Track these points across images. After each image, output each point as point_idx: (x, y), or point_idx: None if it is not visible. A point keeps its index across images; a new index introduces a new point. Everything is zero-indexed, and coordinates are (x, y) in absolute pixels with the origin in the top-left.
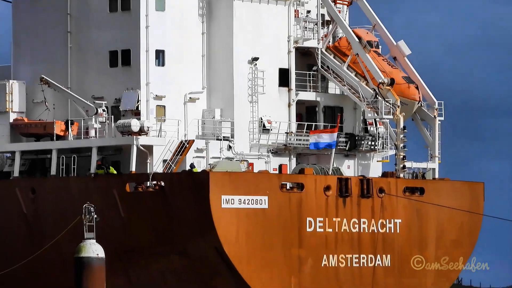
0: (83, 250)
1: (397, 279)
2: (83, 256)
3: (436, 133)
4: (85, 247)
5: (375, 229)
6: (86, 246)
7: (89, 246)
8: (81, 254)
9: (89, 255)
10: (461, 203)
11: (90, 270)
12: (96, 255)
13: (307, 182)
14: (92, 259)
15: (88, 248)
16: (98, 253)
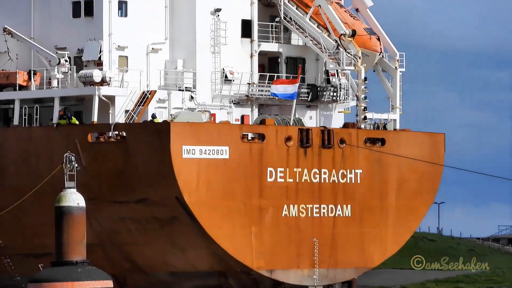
0: (64, 200)
1: (358, 229)
2: (64, 205)
3: (397, 84)
4: (65, 196)
5: (335, 180)
6: (66, 195)
7: (69, 195)
8: (61, 204)
9: (70, 204)
10: (422, 153)
11: (70, 219)
12: (76, 204)
13: (268, 132)
14: (72, 208)
15: (69, 197)
16: (78, 202)
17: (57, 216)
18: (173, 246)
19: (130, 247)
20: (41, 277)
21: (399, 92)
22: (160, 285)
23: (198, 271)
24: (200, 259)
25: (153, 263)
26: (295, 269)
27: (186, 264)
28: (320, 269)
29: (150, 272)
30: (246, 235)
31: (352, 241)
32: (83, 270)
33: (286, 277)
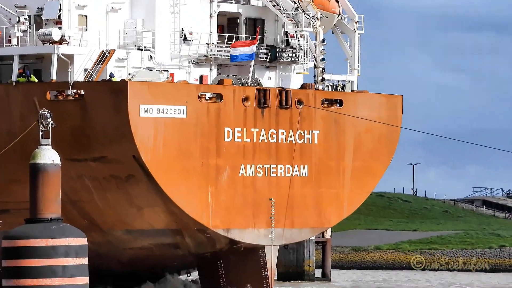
0: (39, 156)
1: (314, 189)
2: (39, 162)
3: (355, 46)
4: (40, 153)
5: (293, 140)
6: (41, 152)
7: (44, 152)
8: (36, 160)
9: (45, 161)
10: (379, 115)
11: (45, 176)
12: (51, 161)
13: (226, 92)
14: (47, 165)
15: (44, 154)
16: (53, 159)
17: (32, 173)
18: (130, 204)
19: (87, 204)
20: (16, 234)
21: (357, 54)
22: (117, 243)
23: (155, 229)
24: (156, 217)
25: (110, 221)
26: (251, 229)
27: (142, 222)
28: (276, 229)
29: (107, 230)
30: (203, 194)
31: (308, 201)
32: (57, 228)
33: (242, 236)
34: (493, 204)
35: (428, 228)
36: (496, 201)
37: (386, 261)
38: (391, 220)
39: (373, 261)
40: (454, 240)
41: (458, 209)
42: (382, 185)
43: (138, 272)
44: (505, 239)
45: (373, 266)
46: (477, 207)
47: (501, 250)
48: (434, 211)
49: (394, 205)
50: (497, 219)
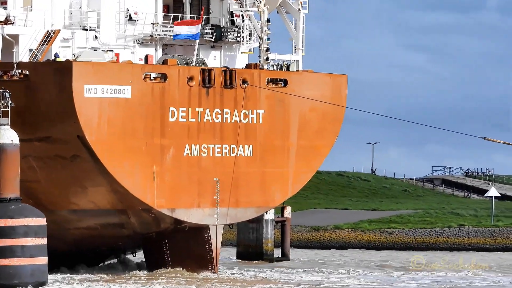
0: None
1: (259, 169)
2: None
3: (300, 26)
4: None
5: (237, 120)
6: (0, 132)
7: (3, 132)
8: None
9: (3, 141)
10: (324, 94)
11: (4, 156)
12: (10, 141)
13: (170, 72)
14: (6, 145)
15: (3, 134)
16: (12, 139)
17: None
18: (75, 184)
19: (33, 184)
20: None
21: (301, 33)
22: (63, 223)
23: (100, 209)
24: (101, 197)
25: (56, 200)
26: (196, 208)
27: (87, 202)
28: (221, 208)
29: (53, 210)
30: (148, 174)
31: (253, 180)
32: (16, 208)
33: (187, 216)
34: (452, 183)
35: (388, 207)
36: (455, 180)
37: (346, 241)
38: (351, 200)
39: (333, 240)
40: (414, 219)
41: (418, 188)
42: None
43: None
44: (464, 218)
45: (332, 246)
46: (436, 186)
47: (460, 229)
48: (393, 190)
49: (353, 184)
50: (456, 198)
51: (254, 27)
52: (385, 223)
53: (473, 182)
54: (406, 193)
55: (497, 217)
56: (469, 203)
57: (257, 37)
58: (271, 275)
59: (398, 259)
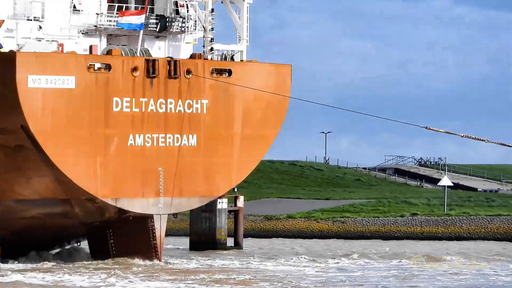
0: None
1: (203, 158)
2: None
3: (244, 16)
4: None
5: (182, 110)
6: None
7: None
8: None
9: None
10: (268, 84)
11: None
12: None
13: (115, 62)
14: None
15: None
16: None
17: None
18: (19, 174)
19: None
20: None
21: (246, 23)
22: (8, 213)
23: (44, 199)
24: (45, 187)
25: (0, 190)
26: (140, 198)
27: (32, 192)
28: (165, 198)
29: None
30: (91, 164)
31: (197, 170)
32: None
33: (131, 206)
34: (405, 172)
35: (341, 196)
36: (408, 169)
37: (299, 230)
38: (304, 189)
39: (286, 229)
40: (366, 208)
41: (371, 177)
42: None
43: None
44: (417, 207)
45: (285, 235)
46: (389, 175)
47: (413, 218)
48: (346, 180)
49: (306, 174)
50: (409, 187)
51: (198, 17)
52: (338, 212)
53: (426, 171)
54: (359, 182)
55: (449, 206)
56: (421, 192)
57: (202, 27)
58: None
59: (353, 246)
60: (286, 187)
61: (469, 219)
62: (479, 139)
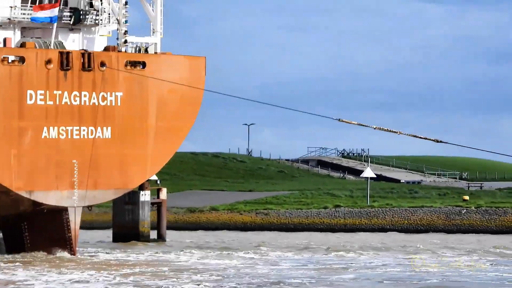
0: None
1: (118, 151)
2: None
3: (158, 8)
4: None
5: (96, 102)
6: None
7: None
8: None
9: None
10: (182, 76)
11: None
12: None
13: (28, 55)
14: None
15: None
16: None
17: None
18: None
19: None
20: None
21: (160, 16)
22: None
23: None
24: None
25: None
26: (54, 190)
27: None
28: (79, 190)
29: None
30: (5, 157)
31: (112, 162)
32: None
33: (45, 198)
34: (328, 164)
35: (264, 188)
36: (331, 160)
37: (222, 222)
38: (227, 181)
39: (209, 221)
40: (289, 200)
41: (293, 169)
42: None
43: None
44: (339, 199)
45: (208, 227)
46: (312, 167)
47: (336, 210)
48: (269, 171)
49: (229, 166)
50: (332, 178)
51: (112, 10)
52: (261, 204)
53: (349, 163)
54: (282, 174)
55: (372, 197)
56: (344, 184)
57: (116, 20)
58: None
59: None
60: (209, 179)
61: (392, 210)
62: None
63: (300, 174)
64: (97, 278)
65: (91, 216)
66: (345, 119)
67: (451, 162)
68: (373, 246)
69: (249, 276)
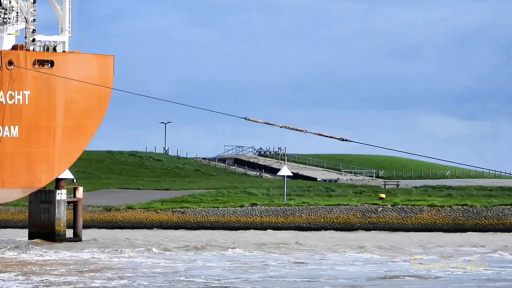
0: None
1: (25, 150)
2: None
3: (66, 7)
4: None
5: (3, 101)
6: None
7: None
8: None
9: None
10: (90, 75)
11: None
12: None
13: None
14: None
15: None
16: None
17: None
18: None
19: None
20: None
21: (68, 15)
22: None
23: None
24: None
25: None
26: None
27: None
28: None
29: None
30: None
31: (19, 162)
32: None
33: None
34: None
35: (180, 187)
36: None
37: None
38: (143, 179)
39: (125, 220)
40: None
41: (210, 168)
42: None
43: None
44: (256, 197)
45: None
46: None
47: (253, 208)
48: (186, 170)
49: (146, 164)
50: (248, 177)
51: (20, 9)
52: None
53: (266, 161)
54: (199, 173)
55: (289, 196)
56: (261, 182)
57: (24, 19)
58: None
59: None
60: (125, 177)
61: (309, 209)
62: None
63: (217, 172)
64: (4, 277)
65: (7, 215)
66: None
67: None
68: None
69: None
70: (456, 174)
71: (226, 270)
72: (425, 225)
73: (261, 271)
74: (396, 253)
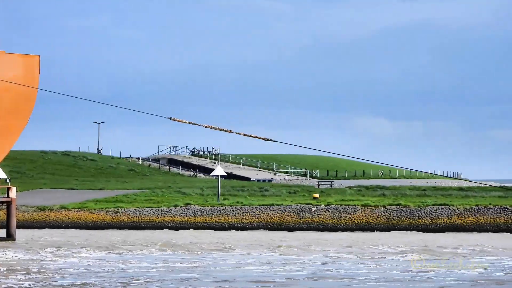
0: None
1: None
2: None
3: None
4: None
5: None
6: None
7: None
8: None
9: None
10: (16, 75)
11: None
12: None
13: None
14: None
15: None
16: None
17: None
18: None
19: None
20: None
21: None
22: None
23: None
24: None
25: None
26: None
27: None
28: None
29: None
30: None
31: None
32: None
33: None
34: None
35: (114, 187)
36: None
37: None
38: (77, 179)
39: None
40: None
41: (144, 168)
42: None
43: None
44: (190, 197)
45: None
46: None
47: (187, 208)
48: (120, 170)
49: (79, 164)
50: (182, 177)
51: None
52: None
53: (200, 161)
54: (133, 173)
55: (223, 196)
56: (195, 182)
57: None
58: None
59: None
60: (59, 177)
61: (243, 208)
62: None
63: (151, 172)
64: None
65: None
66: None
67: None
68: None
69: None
70: (390, 174)
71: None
72: (359, 224)
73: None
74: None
